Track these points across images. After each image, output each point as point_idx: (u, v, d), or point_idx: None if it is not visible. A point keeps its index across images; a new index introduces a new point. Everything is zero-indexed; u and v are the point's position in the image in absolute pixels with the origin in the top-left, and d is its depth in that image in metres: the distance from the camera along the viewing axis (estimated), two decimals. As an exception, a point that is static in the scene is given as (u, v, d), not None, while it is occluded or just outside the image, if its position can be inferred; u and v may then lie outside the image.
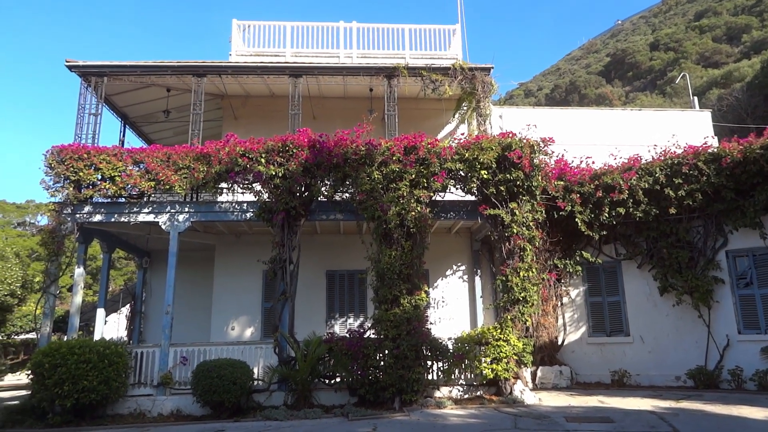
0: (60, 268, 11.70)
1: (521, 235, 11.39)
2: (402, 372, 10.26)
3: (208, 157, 11.64)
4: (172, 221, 11.73)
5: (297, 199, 11.37)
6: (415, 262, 11.09)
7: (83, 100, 12.77)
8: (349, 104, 15.14)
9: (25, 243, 30.24)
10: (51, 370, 9.61)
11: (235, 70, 13.34)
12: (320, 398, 10.71)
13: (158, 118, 15.97)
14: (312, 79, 13.68)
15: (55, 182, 11.52)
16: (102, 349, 10.00)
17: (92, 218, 11.73)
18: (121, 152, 11.80)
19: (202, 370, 10.21)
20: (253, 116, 15.22)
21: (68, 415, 9.77)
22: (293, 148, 11.50)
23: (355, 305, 14.20)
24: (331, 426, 8.89)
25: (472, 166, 11.54)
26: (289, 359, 10.95)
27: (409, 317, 10.61)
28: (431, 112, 15.50)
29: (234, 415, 10.04)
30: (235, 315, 13.96)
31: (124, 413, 10.43)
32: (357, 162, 11.43)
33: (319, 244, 14.23)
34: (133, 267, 29.27)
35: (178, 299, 11.90)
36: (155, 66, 13.04)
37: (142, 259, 16.29)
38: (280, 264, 11.36)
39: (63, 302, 24.13)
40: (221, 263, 14.34)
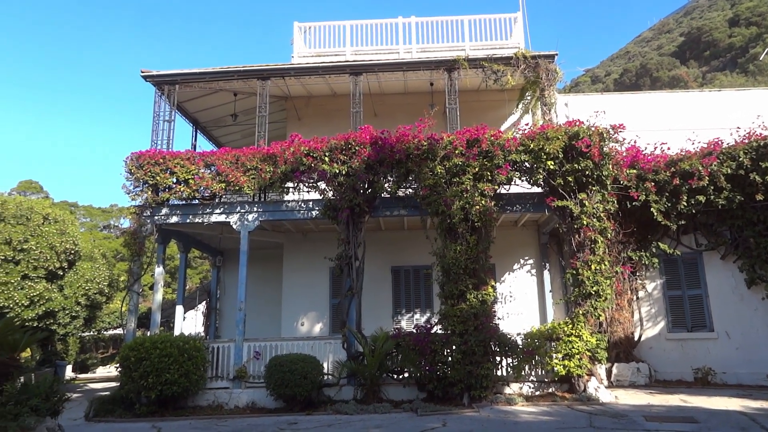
0: (142, 267, 12.44)
1: (592, 226, 10.96)
2: (470, 368, 10.16)
3: (274, 158, 11.97)
4: (242, 221, 12.16)
5: (361, 196, 11.48)
6: (480, 257, 10.93)
7: (158, 108, 13.46)
8: (410, 99, 15.11)
9: (110, 245, 32.35)
10: (136, 364, 10.24)
11: (297, 72, 13.63)
12: (389, 393, 10.79)
13: (227, 121, 16.58)
14: (372, 76, 13.75)
15: (135, 186, 12.23)
16: (182, 344, 10.54)
17: (169, 220, 12.37)
18: (193, 156, 12.35)
19: (274, 364, 10.53)
20: (316, 116, 15.50)
21: (153, 405, 10.37)
22: (356, 146, 11.61)
23: (421, 301, 14.18)
24: (400, 421, 8.93)
25: (538, 156, 11.22)
26: (357, 354, 11.09)
27: (476, 312, 10.48)
28: (493, 103, 15.20)
29: (306, 409, 10.30)
30: (304, 311, 14.30)
31: (204, 405, 10.94)
32: (419, 157, 11.39)
33: (384, 240, 14.31)
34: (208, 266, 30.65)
35: (249, 296, 12.33)
36: (222, 72, 13.53)
37: (215, 257, 17.01)
38: (346, 260, 11.51)
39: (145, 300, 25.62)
40: (289, 261, 14.72)
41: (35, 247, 17.75)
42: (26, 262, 17.58)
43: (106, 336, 30.63)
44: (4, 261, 17.27)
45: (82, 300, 19.18)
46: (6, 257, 17.30)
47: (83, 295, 19.18)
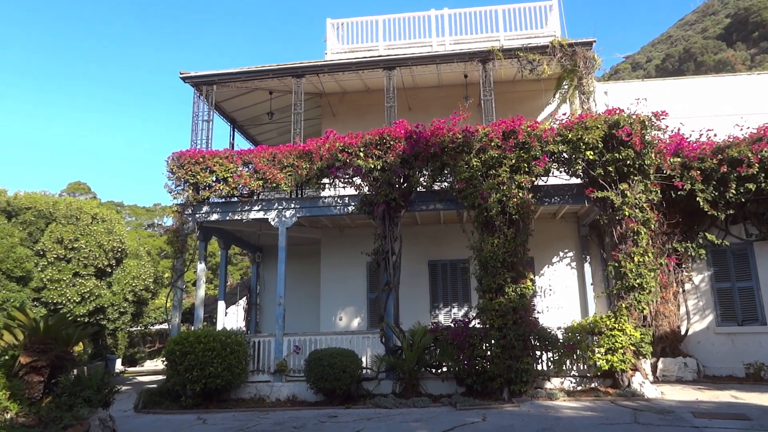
0: (185, 264, 12.79)
1: (634, 217, 10.66)
2: (510, 362, 10.06)
3: (309, 155, 12.09)
4: (280, 217, 12.34)
5: (396, 191, 11.48)
6: (518, 250, 10.79)
7: (196, 108, 13.78)
8: (444, 92, 15.00)
9: (154, 242, 33.40)
10: (182, 357, 10.56)
11: (330, 68, 13.70)
12: (427, 387, 10.79)
13: (263, 120, 16.83)
14: (405, 70, 13.70)
15: (176, 185, 12.57)
16: (224, 338, 10.80)
17: (210, 217, 12.66)
18: (231, 155, 12.60)
19: (313, 358, 10.68)
20: (350, 112, 15.56)
21: (198, 398, 10.68)
22: (390, 141, 11.61)
23: (458, 295, 14.10)
24: (439, 415, 8.93)
25: (576, 147, 10.97)
26: (395, 349, 11.13)
27: (515, 306, 10.36)
28: (529, 94, 14.93)
29: (345, 402, 10.41)
30: (342, 305, 14.43)
31: (246, 398, 11.19)
32: (454, 150, 11.31)
33: (420, 234, 14.28)
34: (248, 262, 31.28)
35: (288, 291, 12.52)
36: (257, 71, 13.73)
37: (255, 254, 17.33)
38: (382, 255, 11.55)
39: (189, 295, 26.33)
40: (327, 256, 14.86)
41: (85, 246, 18.50)
42: (77, 260, 18.34)
43: (152, 331, 31.71)
44: (56, 259, 18.06)
45: (129, 296, 19.90)
46: (58, 255, 18.09)
47: (130, 292, 19.89)
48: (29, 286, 17.55)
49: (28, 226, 18.64)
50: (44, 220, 18.94)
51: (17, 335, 7.61)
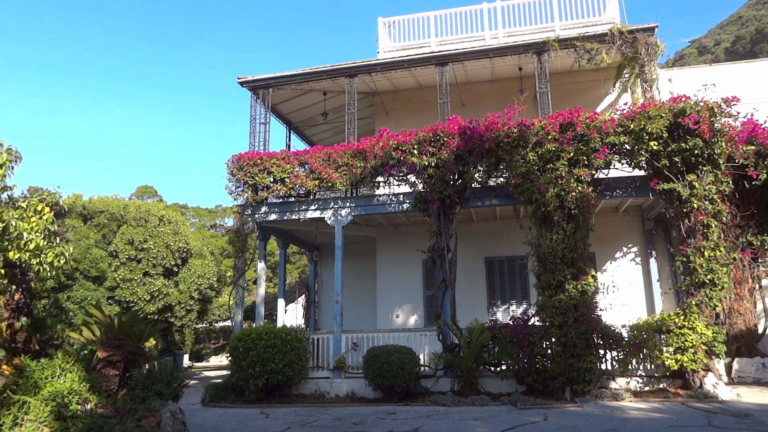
0: (245, 263, 13.22)
1: (703, 210, 10.12)
2: (571, 361, 9.79)
3: (364, 153, 12.20)
4: (336, 216, 12.53)
5: (451, 188, 11.41)
6: (578, 245, 10.48)
7: (254, 111, 14.18)
8: (498, 86, 14.75)
9: (216, 242, 34.63)
10: (244, 353, 10.91)
11: (383, 67, 13.75)
12: (486, 385, 10.67)
13: (317, 120, 17.12)
14: (458, 65, 13.56)
15: (236, 187, 13.01)
16: (284, 335, 11.09)
17: (268, 217, 13.02)
18: (288, 156, 12.90)
19: (371, 355, 10.78)
20: (403, 109, 15.58)
21: (261, 393, 11.01)
22: (444, 137, 11.54)
23: (516, 292, 13.85)
24: (499, 414, 8.81)
25: (639, 137, 10.53)
26: (452, 346, 11.07)
27: (576, 303, 10.07)
28: (587, 84, 14.45)
29: (404, 399, 10.46)
30: (399, 303, 14.48)
31: (306, 393, 11.44)
32: (510, 145, 11.11)
33: (476, 230, 14.13)
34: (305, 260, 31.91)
35: (345, 289, 12.69)
36: (311, 72, 13.96)
37: (312, 252, 17.67)
38: (438, 252, 11.51)
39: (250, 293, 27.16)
40: (382, 254, 14.95)
41: (153, 247, 19.43)
42: (146, 260, 19.29)
43: (216, 327, 32.93)
44: (128, 260, 19.06)
45: (195, 294, 20.74)
46: (130, 256, 19.09)
47: (196, 290, 20.73)
48: (104, 286, 18.60)
49: (102, 229, 19.76)
50: (116, 223, 20.02)
51: (94, 331, 8.09)
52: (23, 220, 6.27)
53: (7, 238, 6.17)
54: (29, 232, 6.26)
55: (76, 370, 6.48)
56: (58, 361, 6.52)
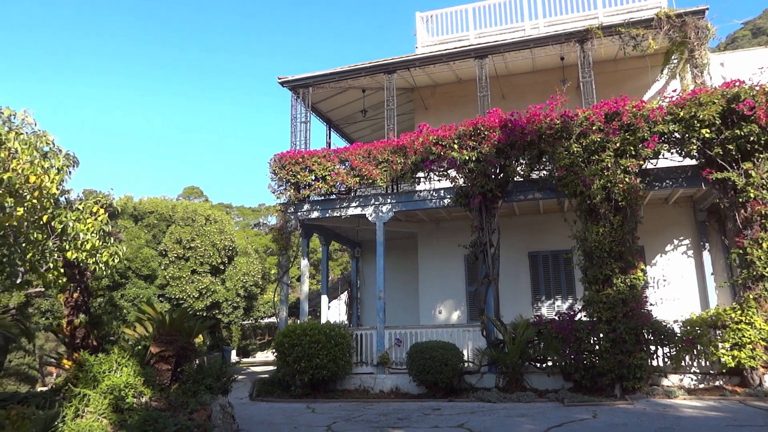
0: (289, 260, 13.45)
1: (761, 199, 9.64)
2: (620, 357, 9.53)
3: (404, 149, 12.19)
4: (377, 212, 12.57)
5: (492, 182, 11.27)
6: (626, 239, 10.17)
7: (294, 111, 14.38)
8: (540, 77, 14.45)
9: (260, 241, 35.36)
10: (290, 349, 11.11)
11: (421, 62, 13.69)
12: (532, 382, 10.53)
13: (357, 118, 17.20)
14: (498, 57, 13.36)
15: (279, 186, 13.24)
16: (328, 331, 11.22)
17: (310, 215, 13.19)
18: (328, 153, 13.03)
19: (415, 351, 10.78)
20: (442, 104, 15.48)
21: (306, 388, 11.19)
22: (484, 131, 11.41)
23: (561, 287, 13.58)
24: (546, 410, 8.67)
25: (690, 125, 10.12)
26: (497, 342, 10.96)
27: (625, 298, 9.79)
28: (633, 72, 13.97)
29: (448, 395, 10.42)
30: (441, 299, 14.43)
31: (351, 389, 11.56)
32: (553, 137, 10.87)
33: (519, 225, 13.91)
34: (347, 258, 32.19)
35: (387, 285, 12.73)
36: (350, 70, 14.04)
37: (354, 249, 17.81)
38: (480, 247, 11.40)
39: (294, 290, 27.61)
40: (424, 249, 14.92)
41: (200, 245, 20.01)
42: (194, 258, 19.88)
43: (262, 324, 33.64)
44: (177, 258, 19.69)
45: (241, 291, 21.26)
46: (178, 255, 19.71)
47: (241, 287, 21.24)
48: (155, 284, 19.30)
49: (152, 229, 20.49)
50: (165, 223, 20.72)
51: (147, 327, 8.40)
52: (80, 221, 6.57)
53: (66, 239, 6.47)
54: (85, 232, 6.55)
55: (131, 365, 6.75)
56: (114, 356, 6.80)
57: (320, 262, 19.40)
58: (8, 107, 6.16)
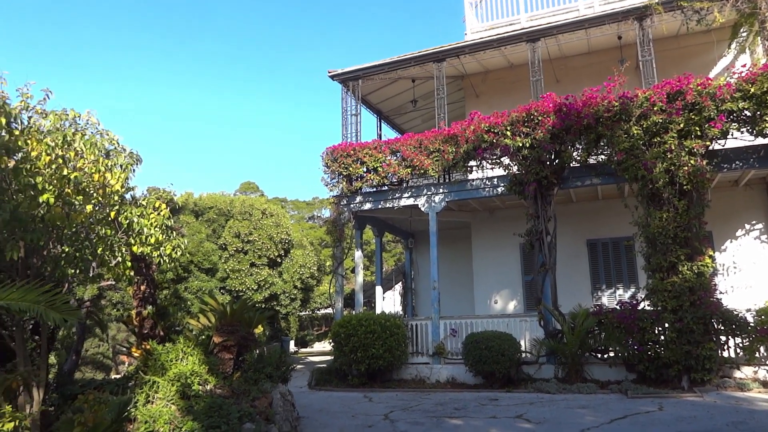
0: (343, 252, 13.62)
1: None
2: (688, 348, 9.11)
3: (455, 138, 12.06)
4: (429, 202, 12.52)
5: (547, 168, 10.98)
6: (692, 224, 9.69)
7: (345, 103, 14.49)
8: (595, 59, 13.92)
9: (315, 233, 35.98)
10: (346, 339, 11.27)
11: (471, 48, 13.46)
12: (593, 373, 10.25)
13: (407, 108, 17.16)
14: (551, 40, 12.95)
15: (331, 178, 13.41)
16: (383, 322, 11.30)
17: (363, 206, 13.29)
18: (379, 145, 13.07)
19: (470, 341, 10.71)
20: (493, 91, 15.19)
21: (363, 377, 11.33)
22: (538, 116, 11.12)
23: (623, 275, 13.10)
24: (608, 402, 8.42)
25: (761, 102, 9.49)
26: (555, 332, 10.72)
27: (692, 286, 9.34)
28: (697, 48, 13.22)
29: (505, 386, 10.30)
30: (496, 289, 14.24)
31: (407, 378, 11.62)
32: (611, 119, 10.46)
33: (576, 212, 13.51)
34: (400, 249, 32.27)
35: (442, 275, 12.68)
36: (399, 60, 13.99)
37: (407, 240, 17.83)
38: (536, 236, 11.15)
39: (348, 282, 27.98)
40: (478, 239, 14.76)
41: (258, 239, 20.59)
42: (252, 251, 20.48)
43: (318, 315, 34.30)
44: (236, 252, 20.34)
45: (298, 283, 21.75)
46: (237, 248, 20.36)
47: (298, 279, 21.73)
48: (216, 277, 20.01)
49: (212, 224, 21.23)
50: (224, 217, 21.42)
51: (210, 318, 8.74)
52: (144, 216, 6.88)
53: (131, 234, 6.80)
54: (149, 227, 6.86)
55: (196, 354, 7.04)
56: (180, 345, 7.12)
57: (374, 254, 19.56)
58: (72, 109, 6.50)
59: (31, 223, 5.55)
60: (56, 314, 4.44)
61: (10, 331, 6.22)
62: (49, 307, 4.41)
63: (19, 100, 6.15)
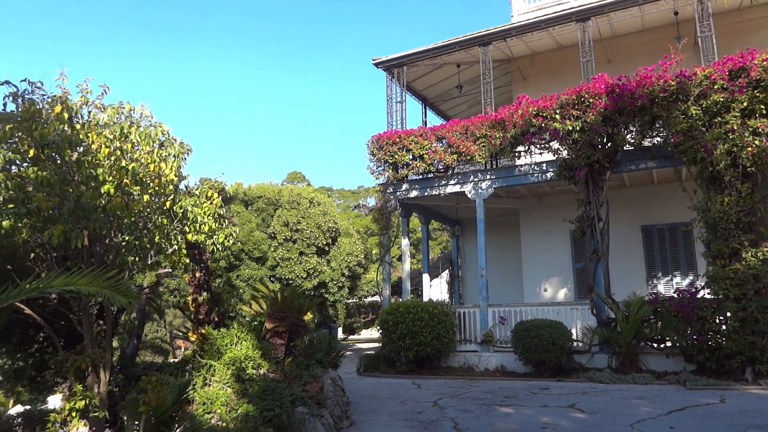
0: (390, 240, 13.65)
1: None
2: (752, 338, 8.69)
3: (502, 123, 11.84)
4: (476, 189, 12.37)
5: (599, 152, 10.64)
6: (757, 208, 9.18)
7: (389, 91, 14.44)
8: (650, 37, 13.33)
9: (361, 222, 36.24)
10: (394, 326, 11.33)
11: (518, 30, 13.13)
12: (648, 363, 9.94)
13: (452, 94, 16.94)
14: (602, 18, 12.47)
15: (377, 167, 13.43)
16: (431, 309, 11.30)
17: (409, 194, 13.27)
18: (425, 132, 12.98)
19: (520, 329, 10.57)
20: (541, 74, 14.80)
21: (411, 364, 11.39)
22: (589, 98, 10.76)
23: (680, 262, 12.60)
24: (666, 393, 8.15)
25: (836, 76, 8.85)
26: (608, 321, 10.44)
27: (756, 273, 8.88)
28: (761, 22, 12.44)
29: (556, 375, 10.13)
30: (546, 276, 13.97)
31: (455, 366, 11.59)
32: (667, 100, 10.00)
33: (630, 197, 13.06)
34: (446, 237, 32.10)
35: (489, 263, 12.53)
36: (443, 45, 13.80)
37: (453, 227, 17.71)
38: (587, 222, 10.85)
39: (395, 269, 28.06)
40: (526, 226, 14.50)
41: (306, 228, 20.91)
42: (301, 240, 20.82)
43: (365, 303, 34.60)
44: (285, 240, 20.73)
45: (345, 271, 21.97)
46: (286, 237, 20.74)
47: (346, 267, 21.95)
48: (266, 265, 20.46)
49: (261, 213, 21.68)
50: (273, 207, 21.83)
51: (261, 305, 8.95)
52: (197, 206, 7.10)
53: (186, 222, 7.04)
54: (202, 216, 7.08)
55: (249, 339, 7.23)
56: (234, 330, 7.33)
57: (420, 242, 19.52)
58: (128, 102, 6.76)
59: (93, 212, 5.82)
60: (121, 297, 4.68)
61: (78, 316, 6.57)
62: (114, 291, 4.64)
63: (79, 96, 6.45)
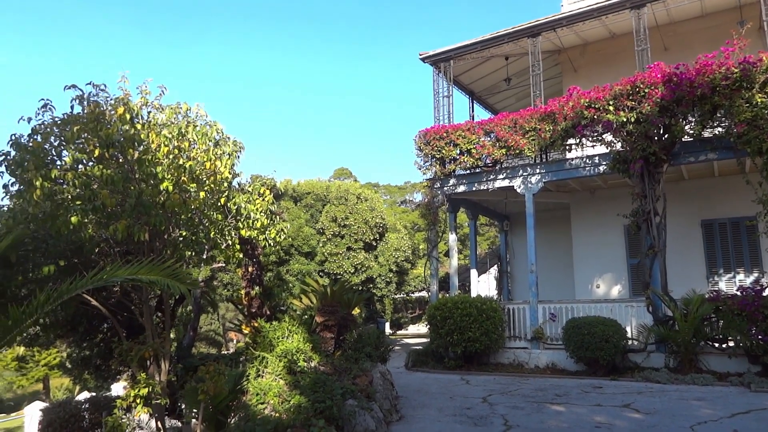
0: (437, 235, 13.61)
1: None
2: (824, 338, 8.20)
3: (552, 116, 11.58)
4: (526, 184, 12.16)
5: (655, 144, 10.25)
6: (830, 200, 8.64)
7: (436, 85, 14.35)
8: (709, 22, 12.71)
9: (408, 217, 36.26)
10: (442, 322, 11.31)
11: (569, 20, 12.77)
12: (709, 363, 9.53)
13: (500, 87, 16.68)
14: (658, 5, 11.96)
15: (424, 162, 13.39)
16: (479, 305, 11.21)
17: (456, 189, 13.17)
18: (473, 126, 12.85)
19: (571, 326, 10.35)
20: (593, 64, 14.36)
21: (459, 360, 11.34)
22: (644, 88, 10.37)
23: (744, 258, 11.99)
24: (727, 395, 7.81)
25: None
26: (665, 319, 10.07)
27: (829, 270, 8.36)
28: (838, 0, 11.65)
29: (610, 373, 9.87)
30: (599, 272, 13.60)
31: (504, 362, 11.47)
32: (729, 88, 9.52)
33: (689, 190, 12.53)
34: (494, 232, 31.71)
35: (539, 258, 12.30)
36: (491, 38, 13.60)
37: (502, 222, 17.47)
38: (643, 216, 10.49)
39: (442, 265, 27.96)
40: (578, 220, 14.14)
41: (354, 223, 21.12)
42: (348, 235, 21.05)
43: (412, 298, 34.67)
44: (333, 236, 21.01)
45: (393, 267, 22.08)
46: (334, 232, 21.02)
47: (393, 263, 22.06)
48: (315, 260, 20.80)
49: (310, 209, 22.05)
50: (321, 203, 22.16)
51: (311, 299, 9.14)
52: (250, 202, 7.31)
53: (239, 218, 7.25)
54: (255, 212, 7.27)
55: (300, 332, 7.40)
56: (285, 324, 7.52)
57: (467, 237, 19.37)
58: (185, 102, 7.02)
59: (153, 208, 6.08)
60: (180, 285, 4.88)
61: (139, 308, 6.89)
62: (173, 279, 4.85)
63: (139, 97, 6.75)
